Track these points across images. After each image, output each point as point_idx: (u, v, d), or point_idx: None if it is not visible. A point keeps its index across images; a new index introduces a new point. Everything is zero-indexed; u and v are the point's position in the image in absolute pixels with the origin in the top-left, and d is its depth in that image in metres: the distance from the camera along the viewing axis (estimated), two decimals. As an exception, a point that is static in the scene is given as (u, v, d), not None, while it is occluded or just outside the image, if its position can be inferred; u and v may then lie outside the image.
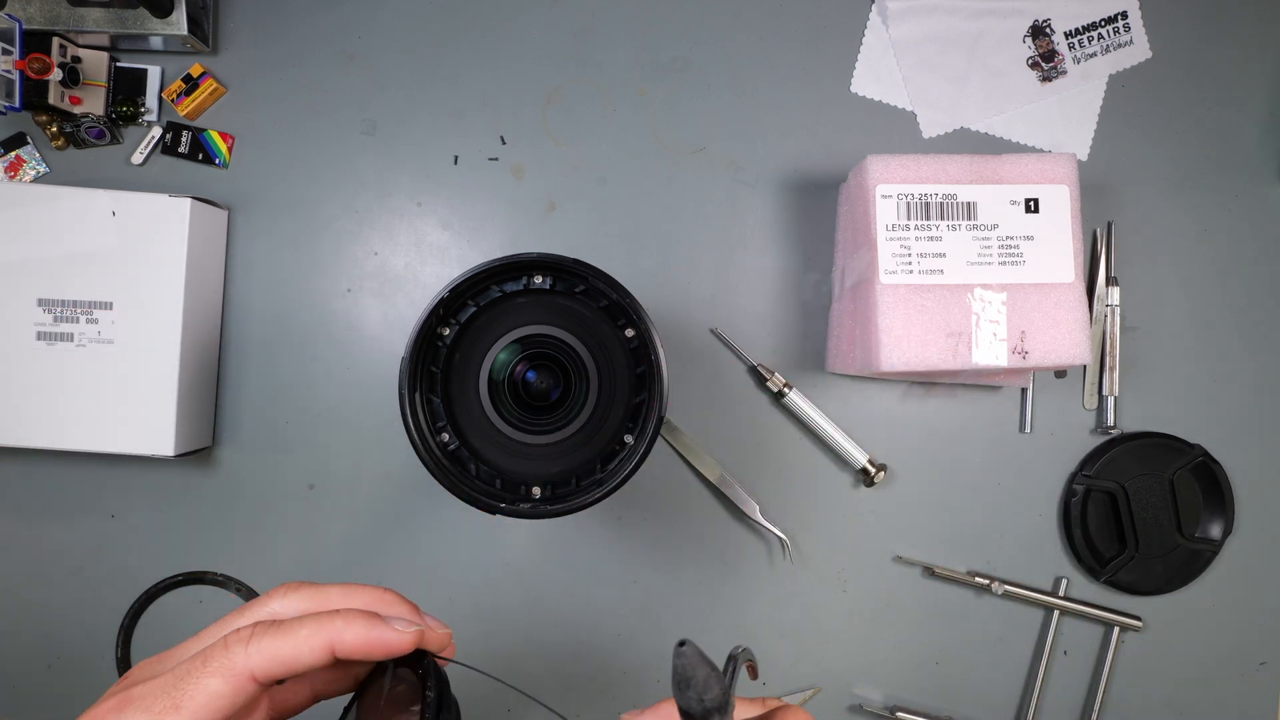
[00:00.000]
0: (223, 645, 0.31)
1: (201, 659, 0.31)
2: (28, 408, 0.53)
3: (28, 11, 0.54)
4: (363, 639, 0.32)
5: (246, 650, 0.31)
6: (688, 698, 0.27)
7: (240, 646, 0.31)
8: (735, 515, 0.59)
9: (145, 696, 0.31)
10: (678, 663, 0.27)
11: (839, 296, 0.58)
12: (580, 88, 0.60)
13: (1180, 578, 0.60)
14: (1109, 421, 0.60)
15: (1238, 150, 0.61)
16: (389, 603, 0.35)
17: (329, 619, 0.32)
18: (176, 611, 0.59)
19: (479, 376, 0.45)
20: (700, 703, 0.27)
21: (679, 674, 0.27)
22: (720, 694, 0.27)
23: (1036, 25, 0.60)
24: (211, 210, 0.56)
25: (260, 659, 0.31)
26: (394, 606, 0.35)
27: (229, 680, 0.31)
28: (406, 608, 0.35)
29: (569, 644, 0.59)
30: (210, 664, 0.31)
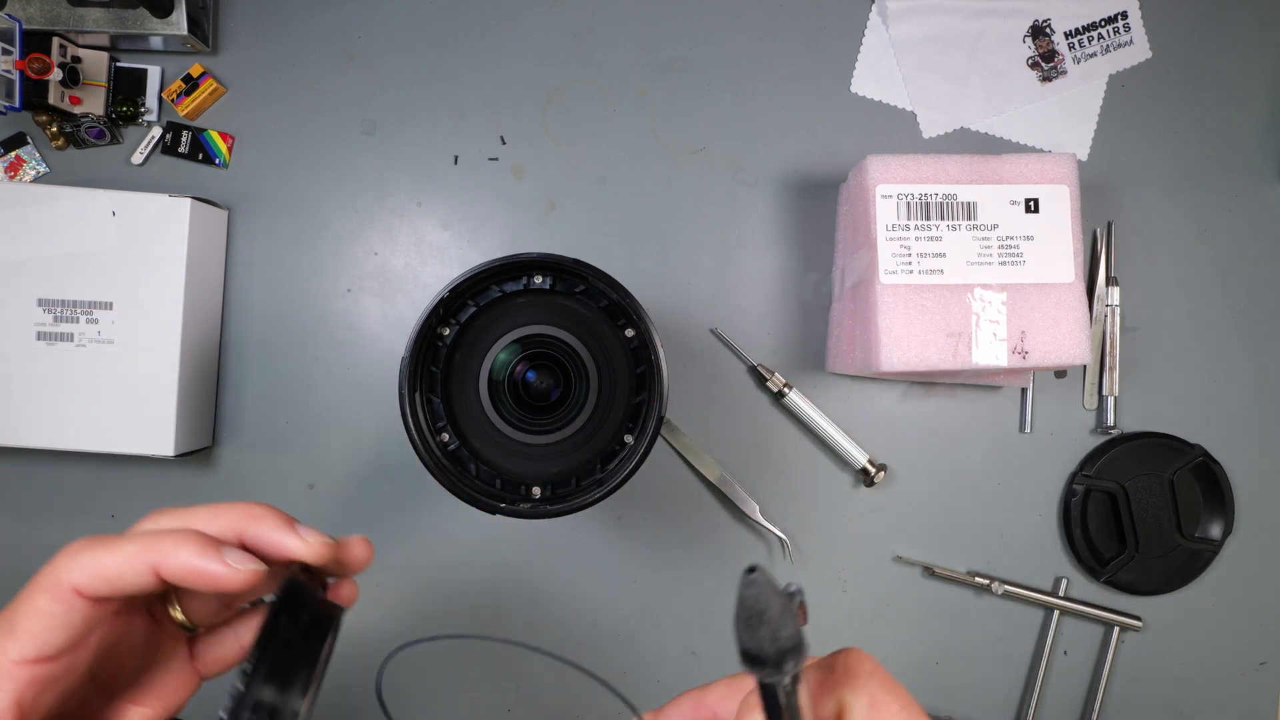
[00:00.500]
0: (49, 564, 0.30)
1: (33, 580, 0.30)
2: (28, 408, 0.53)
3: (28, 11, 0.54)
4: (187, 566, 0.29)
5: (70, 564, 0.29)
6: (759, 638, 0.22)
7: (65, 561, 0.29)
8: (735, 515, 0.59)
9: None
10: (747, 593, 0.23)
11: (839, 296, 0.58)
12: (580, 88, 0.60)
13: (1180, 578, 0.60)
14: (1109, 421, 0.60)
15: (1238, 150, 0.61)
16: (257, 517, 0.32)
17: (157, 539, 0.30)
18: (176, 611, 0.59)
19: (479, 376, 0.45)
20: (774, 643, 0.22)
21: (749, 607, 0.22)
22: (795, 633, 0.23)
23: (1036, 25, 0.60)
24: (211, 210, 0.56)
25: (81, 573, 0.29)
26: (262, 522, 0.32)
27: (55, 597, 0.29)
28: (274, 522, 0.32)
29: (569, 644, 0.59)
30: (38, 583, 0.30)
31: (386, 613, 0.59)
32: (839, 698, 0.25)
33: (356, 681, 0.58)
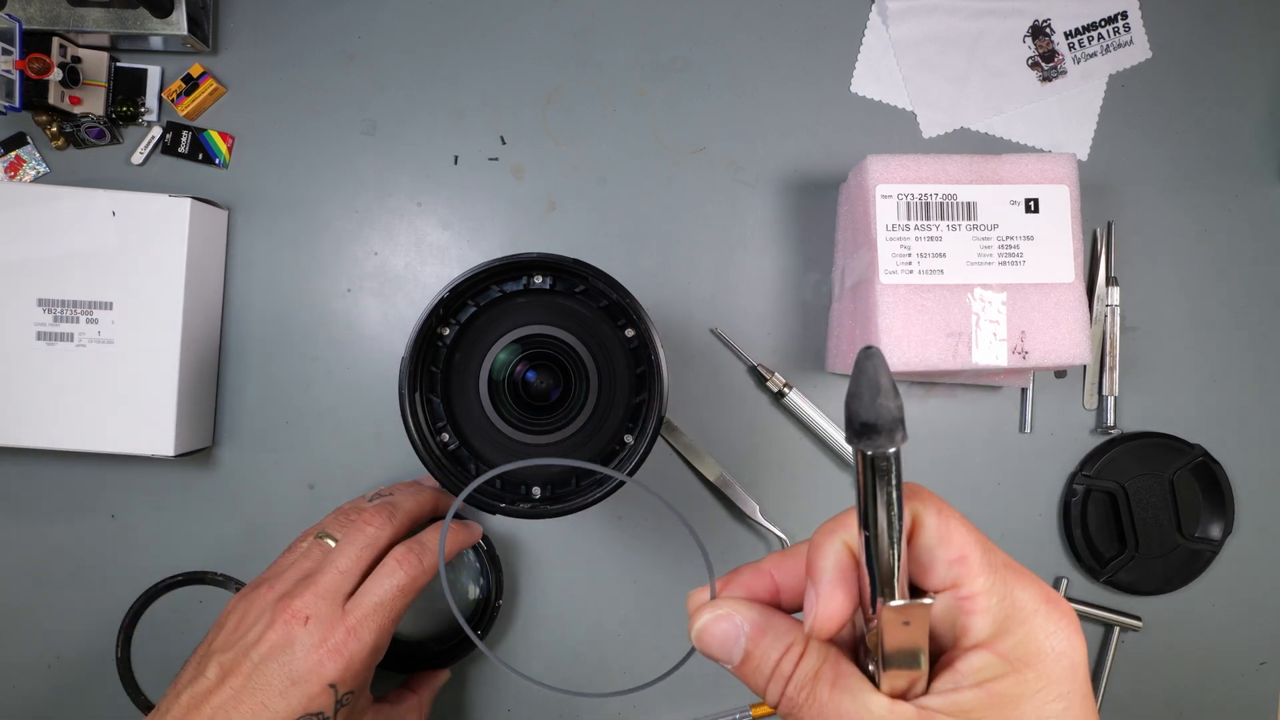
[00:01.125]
0: (404, 571, 0.45)
1: (390, 578, 0.45)
2: (28, 408, 0.53)
3: (28, 11, 0.54)
4: (467, 538, 0.52)
5: (424, 570, 0.46)
6: (877, 405, 0.24)
7: (418, 568, 0.46)
8: (735, 515, 0.59)
9: (369, 620, 0.44)
10: (868, 364, 0.24)
11: (839, 296, 0.58)
12: (580, 88, 0.60)
13: (1180, 578, 0.60)
14: (1109, 421, 0.60)
15: (1238, 150, 0.61)
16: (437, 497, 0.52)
17: (452, 532, 0.49)
18: (176, 611, 0.59)
19: (479, 376, 0.45)
20: (889, 411, 0.24)
21: (869, 377, 0.24)
22: (901, 405, 0.24)
23: (1036, 25, 0.60)
24: (211, 210, 0.56)
25: (429, 574, 0.46)
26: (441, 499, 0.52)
27: (415, 595, 0.46)
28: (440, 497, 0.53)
29: (569, 644, 0.59)
30: (402, 586, 0.45)
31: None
32: (911, 509, 0.28)
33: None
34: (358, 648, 0.43)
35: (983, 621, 0.27)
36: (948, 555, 0.27)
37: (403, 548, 0.46)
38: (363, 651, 0.43)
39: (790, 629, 0.29)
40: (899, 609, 0.26)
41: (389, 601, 0.44)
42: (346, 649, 0.42)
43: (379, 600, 0.44)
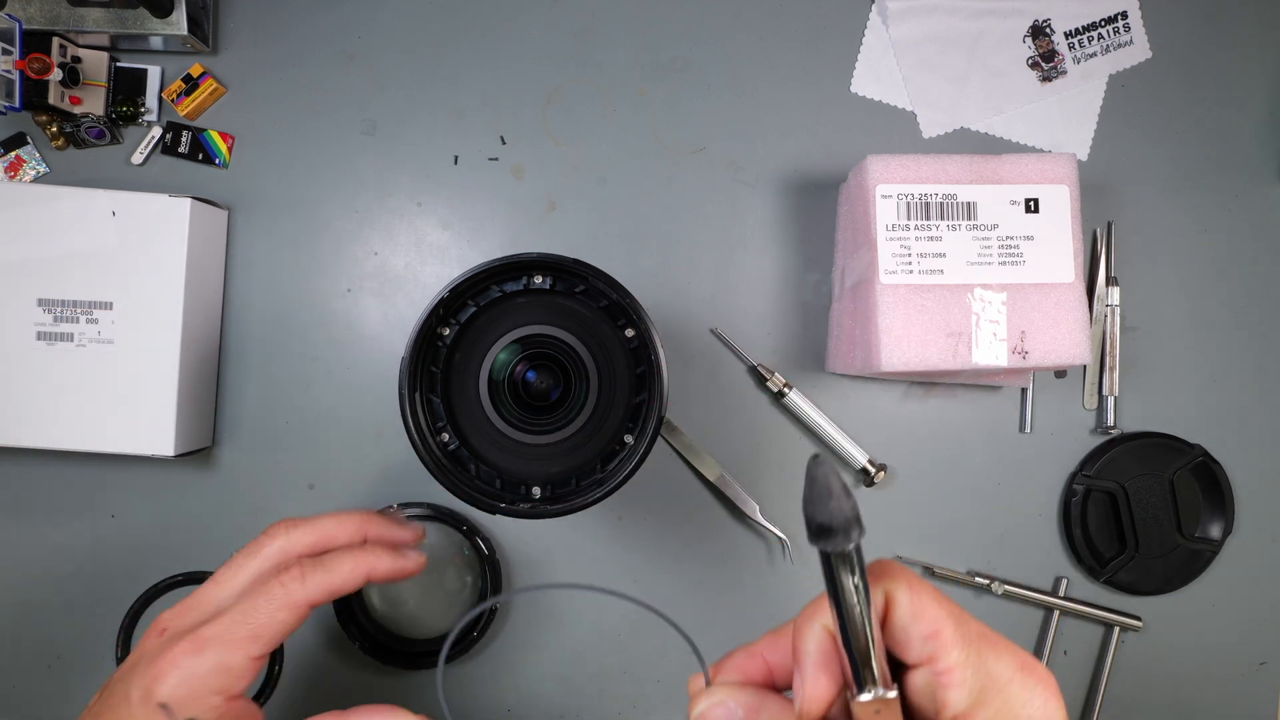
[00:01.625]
0: (280, 584, 0.38)
1: (264, 596, 0.38)
2: (28, 408, 0.53)
3: (28, 11, 0.54)
4: (391, 568, 0.40)
5: (304, 587, 0.38)
6: (830, 509, 0.26)
7: (298, 584, 0.38)
8: (735, 515, 0.59)
9: (220, 634, 0.37)
10: (818, 472, 0.27)
11: (839, 296, 0.58)
12: (580, 88, 0.60)
13: (1180, 578, 0.60)
14: (1109, 421, 0.60)
15: (1238, 150, 0.61)
16: (377, 524, 0.43)
17: (363, 554, 0.40)
18: (176, 611, 0.59)
19: (479, 376, 0.45)
20: (841, 513, 0.26)
21: (820, 484, 0.26)
22: (855, 505, 0.26)
23: (1036, 25, 0.60)
24: (211, 210, 0.56)
25: (316, 591, 0.38)
26: (384, 528, 0.43)
27: (294, 612, 0.38)
28: (391, 527, 0.43)
29: (569, 644, 0.59)
30: (274, 600, 0.37)
31: (386, 613, 0.59)
32: (883, 588, 0.29)
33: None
34: (196, 664, 0.36)
35: (959, 694, 0.28)
36: (921, 631, 0.28)
37: (295, 563, 0.39)
38: (202, 668, 0.36)
39: (782, 710, 0.31)
40: (867, 703, 0.27)
41: (251, 617, 0.37)
42: (181, 664, 0.36)
43: (240, 613, 0.37)
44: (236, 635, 0.37)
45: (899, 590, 0.29)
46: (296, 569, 0.38)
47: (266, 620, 0.37)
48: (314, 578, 0.38)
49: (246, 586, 0.39)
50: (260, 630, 0.37)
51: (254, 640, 0.37)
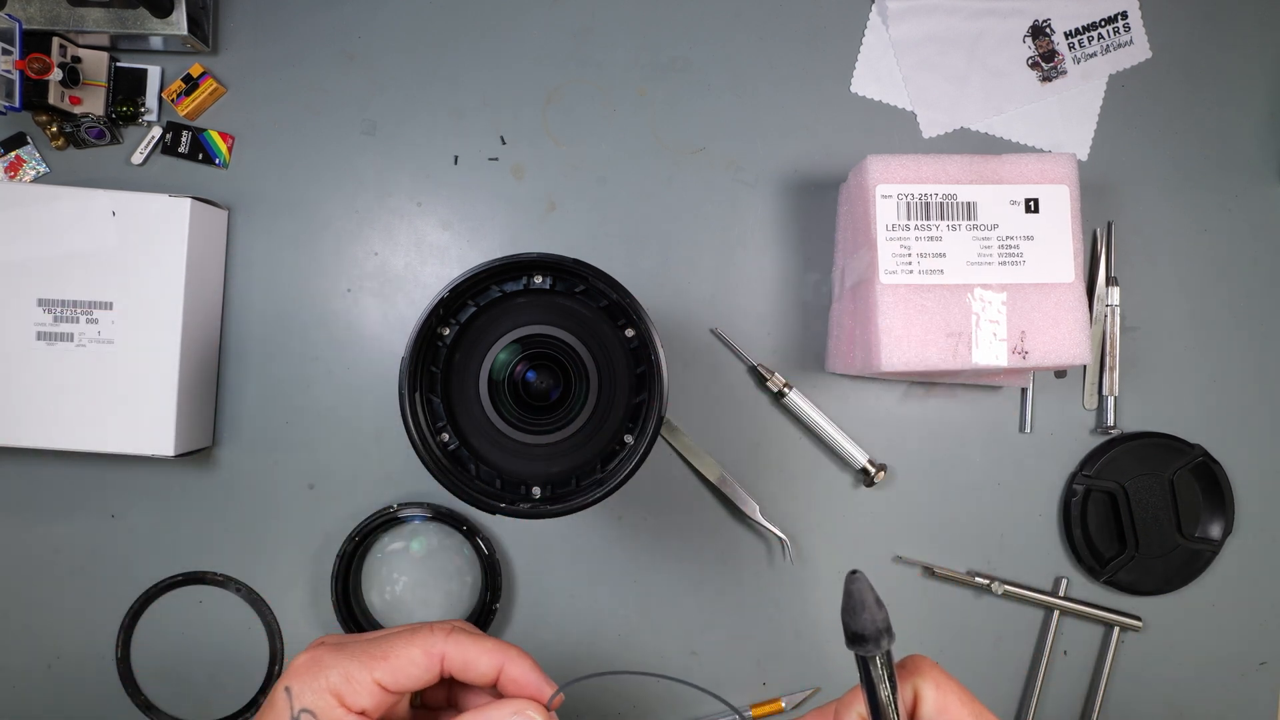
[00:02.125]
0: (428, 628, 0.39)
1: (409, 633, 0.38)
2: (28, 408, 0.53)
3: (28, 11, 0.54)
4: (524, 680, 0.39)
5: (446, 639, 0.38)
6: (862, 620, 0.31)
7: (441, 633, 0.39)
8: (735, 515, 0.59)
9: (357, 647, 0.38)
10: (853, 587, 0.31)
11: (839, 296, 0.58)
12: (580, 88, 0.60)
13: (1180, 578, 0.60)
14: (1109, 421, 0.60)
15: (1238, 150, 0.61)
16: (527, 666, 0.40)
17: (509, 647, 0.39)
18: (176, 611, 0.59)
19: (479, 376, 0.45)
20: (874, 624, 0.31)
21: (855, 598, 0.31)
22: (887, 617, 0.31)
23: (1036, 25, 0.60)
24: (211, 210, 0.56)
25: (454, 649, 0.38)
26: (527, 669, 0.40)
27: (427, 655, 0.38)
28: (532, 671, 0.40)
29: (569, 644, 0.59)
30: (416, 638, 0.38)
31: (386, 613, 0.59)
32: (912, 685, 0.34)
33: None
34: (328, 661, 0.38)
35: None
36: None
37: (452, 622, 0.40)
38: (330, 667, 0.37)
39: None
40: None
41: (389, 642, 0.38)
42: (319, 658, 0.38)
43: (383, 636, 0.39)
44: (370, 651, 0.38)
45: (926, 688, 0.34)
46: (447, 625, 0.39)
47: (401, 651, 0.38)
48: (458, 637, 0.39)
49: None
50: (390, 655, 0.38)
51: (382, 660, 0.37)
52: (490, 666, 0.38)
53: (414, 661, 0.38)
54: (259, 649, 0.59)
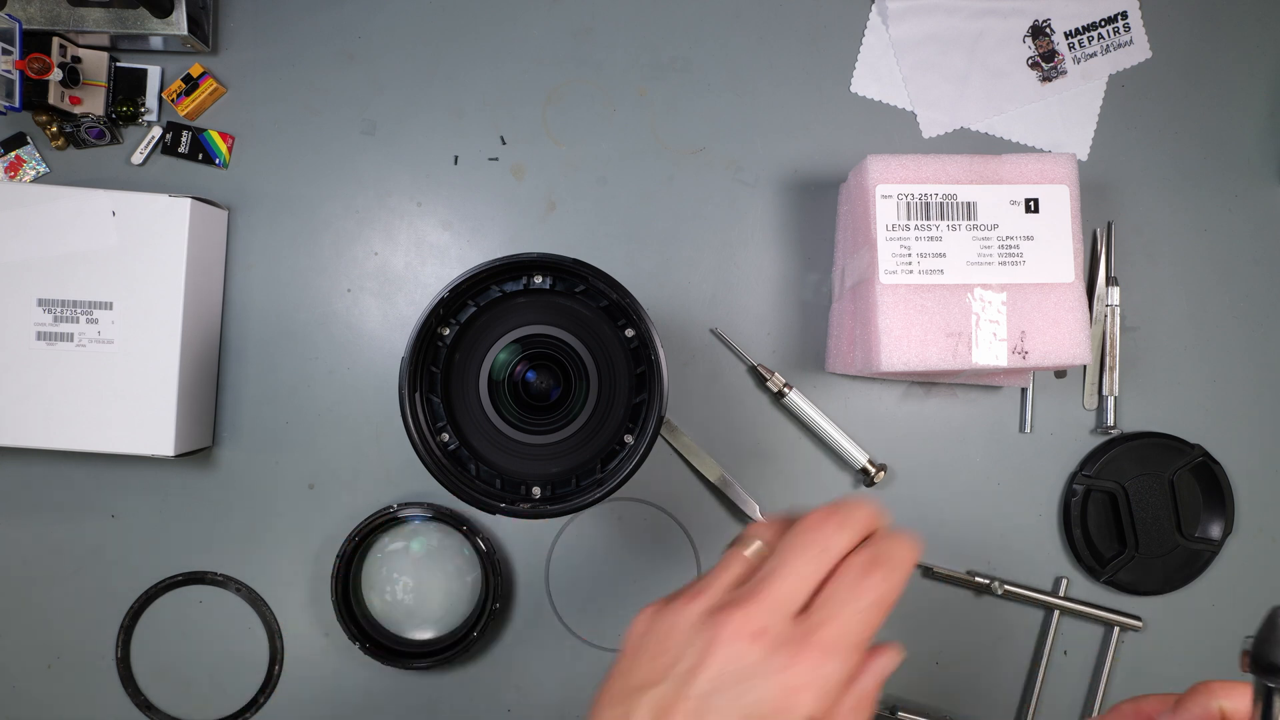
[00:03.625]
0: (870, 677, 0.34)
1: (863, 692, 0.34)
2: (28, 408, 0.53)
3: (28, 11, 0.54)
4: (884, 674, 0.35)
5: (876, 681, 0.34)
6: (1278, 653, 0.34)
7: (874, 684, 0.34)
8: (735, 515, 0.59)
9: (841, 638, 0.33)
10: (1278, 619, 0.34)
11: (839, 296, 0.58)
12: (580, 88, 0.60)
13: (1180, 578, 0.60)
14: (1109, 421, 0.60)
15: (1238, 150, 0.61)
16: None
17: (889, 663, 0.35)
18: (176, 611, 0.59)
19: (479, 376, 0.45)
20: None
21: (1275, 627, 0.35)
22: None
23: (1036, 25, 0.60)
24: (211, 210, 0.56)
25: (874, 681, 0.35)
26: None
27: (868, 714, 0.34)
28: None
29: (569, 644, 0.59)
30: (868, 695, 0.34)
31: (386, 613, 0.59)
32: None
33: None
34: (835, 676, 0.32)
35: None
36: None
37: (865, 557, 0.34)
38: (840, 681, 0.32)
39: None
40: None
41: (864, 619, 0.33)
42: (820, 677, 0.31)
43: (853, 617, 0.33)
44: (862, 645, 0.33)
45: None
46: (883, 566, 0.34)
47: (877, 628, 0.34)
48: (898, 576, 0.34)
49: (819, 581, 0.34)
50: (870, 639, 0.34)
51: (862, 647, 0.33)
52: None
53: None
54: (259, 649, 0.59)
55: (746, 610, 0.32)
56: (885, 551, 0.34)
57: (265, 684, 0.59)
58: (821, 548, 0.34)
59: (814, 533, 0.34)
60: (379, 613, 0.58)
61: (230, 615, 0.59)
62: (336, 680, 0.59)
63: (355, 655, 0.57)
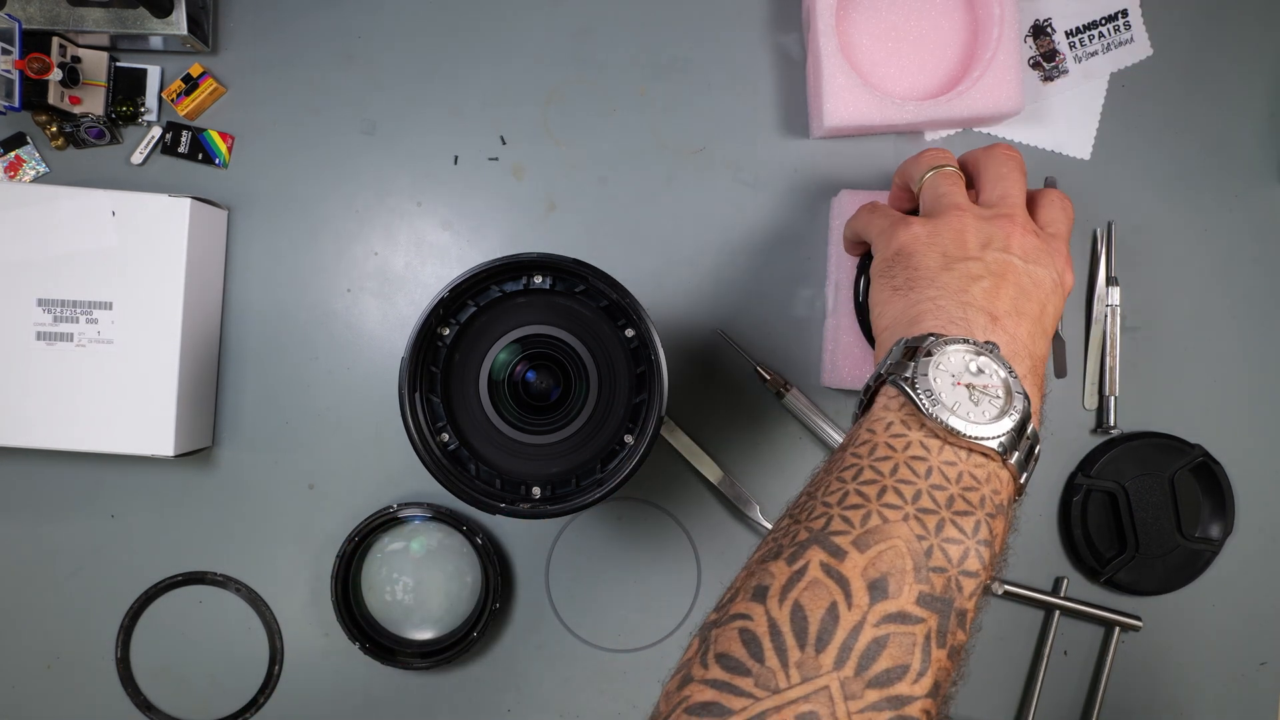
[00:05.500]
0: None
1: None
2: (28, 408, 0.53)
3: (28, 11, 0.54)
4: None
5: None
6: None
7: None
8: (735, 515, 0.59)
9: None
10: None
11: (833, 310, 0.57)
12: (580, 88, 0.60)
13: (1180, 578, 0.60)
14: (1109, 421, 0.59)
15: (1238, 150, 0.61)
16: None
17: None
18: (176, 611, 0.59)
19: (479, 376, 0.45)
20: None
21: None
22: None
23: (1038, 25, 0.60)
24: (211, 210, 0.56)
25: None
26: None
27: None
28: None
29: (569, 644, 0.59)
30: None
31: (386, 613, 0.59)
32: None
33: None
34: (1073, 277, 0.45)
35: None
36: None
37: (1058, 192, 0.46)
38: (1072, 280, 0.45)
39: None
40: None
41: (1067, 238, 0.45)
42: (1070, 265, 0.44)
43: (1069, 229, 0.45)
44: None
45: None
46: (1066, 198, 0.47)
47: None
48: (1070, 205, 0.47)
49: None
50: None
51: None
52: None
53: None
54: (259, 649, 0.59)
55: (1019, 216, 0.43)
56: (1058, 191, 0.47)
57: (265, 684, 0.59)
58: (1024, 169, 0.45)
59: (1015, 160, 0.45)
60: (379, 613, 0.58)
61: (230, 615, 0.59)
62: (336, 680, 0.59)
63: (355, 655, 0.57)
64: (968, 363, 0.37)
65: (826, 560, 0.33)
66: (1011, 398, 0.37)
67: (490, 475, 0.45)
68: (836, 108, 0.55)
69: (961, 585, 0.33)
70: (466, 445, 0.45)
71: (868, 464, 0.35)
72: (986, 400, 0.36)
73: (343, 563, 0.57)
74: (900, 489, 0.34)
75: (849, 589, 0.32)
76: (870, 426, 0.37)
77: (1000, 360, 0.37)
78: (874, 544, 0.33)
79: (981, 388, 0.37)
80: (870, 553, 0.33)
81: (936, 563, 0.33)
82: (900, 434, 0.36)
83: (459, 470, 0.44)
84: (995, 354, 0.37)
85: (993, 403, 0.36)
